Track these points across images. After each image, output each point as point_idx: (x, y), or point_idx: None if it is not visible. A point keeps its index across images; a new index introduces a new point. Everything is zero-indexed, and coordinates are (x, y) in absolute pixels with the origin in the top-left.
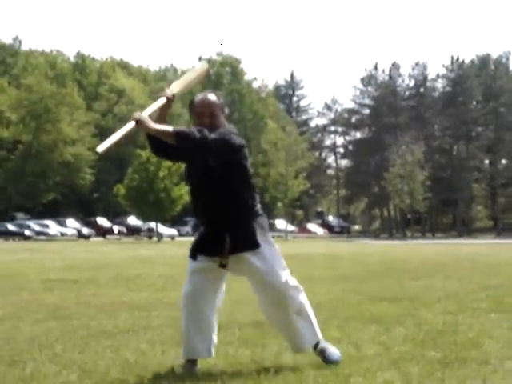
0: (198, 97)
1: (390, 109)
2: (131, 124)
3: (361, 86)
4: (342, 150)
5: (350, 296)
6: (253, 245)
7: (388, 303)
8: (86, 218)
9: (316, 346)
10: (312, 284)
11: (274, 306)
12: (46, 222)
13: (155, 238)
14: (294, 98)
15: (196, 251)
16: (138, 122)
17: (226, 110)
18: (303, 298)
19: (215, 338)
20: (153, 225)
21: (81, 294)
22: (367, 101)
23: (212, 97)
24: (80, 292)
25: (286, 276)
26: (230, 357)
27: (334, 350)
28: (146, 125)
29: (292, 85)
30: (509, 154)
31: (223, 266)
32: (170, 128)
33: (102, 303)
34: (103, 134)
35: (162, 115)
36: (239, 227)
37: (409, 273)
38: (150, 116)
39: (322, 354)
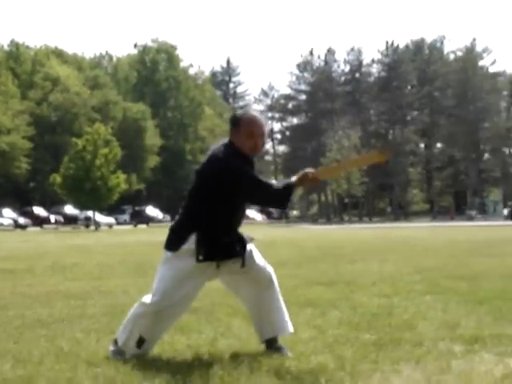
0: (253, 115)
1: (326, 94)
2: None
3: (297, 72)
4: (279, 136)
5: (287, 281)
6: (251, 238)
7: (324, 287)
8: (23, 207)
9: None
10: None
11: (267, 291)
12: None
13: (93, 227)
14: (231, 85)
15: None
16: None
17: None
18: None
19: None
20: (90, 213)
21: (16, 284)
22: (303, 87)
23: (264, 118)
24: (16, 282)
25: None
26: (166, 343)
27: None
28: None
29: (228, 71)
30: (444, 138)
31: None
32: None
33: (37, 293)
34: (38, 122)
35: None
36: None
37: (345, 257)
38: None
39: (280, 349)
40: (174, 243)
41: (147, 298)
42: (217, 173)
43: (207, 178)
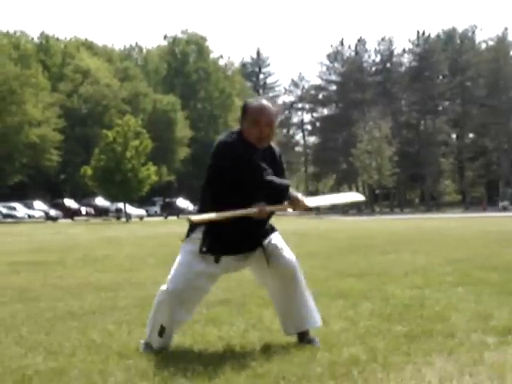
0: (261, 103)
1: (357, 85)
2: (251, 210)
3: (327, 63)
4: (309, 127)
5: (318, 272)
6: (274, 228)
7: (355, 279)
8: (54, 199)
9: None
10: None
11: (290, 285)
12: (13, 204)
13: (123, 219)
14: (261, 76)
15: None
16: (260, 212)
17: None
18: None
19: None
20: (121, 205)
21: (47, 276)
22: (334, 77)
23: (275, 107)
24: (47, 274)
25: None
26: (197, 335)
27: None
28: (266, 211)
29: (258, 62)
30: (475, 128)
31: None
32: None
33: (68, 285)
34: (68, 114)
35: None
36: None
37: (376, 248)
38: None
39: (312, 340)
40: (188, 231)
41: (165, 286)
42: (218, 155)
43: (210, 164)
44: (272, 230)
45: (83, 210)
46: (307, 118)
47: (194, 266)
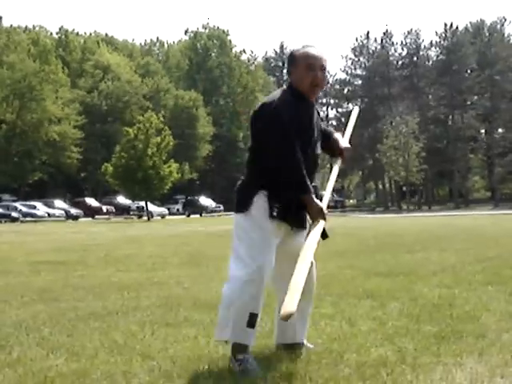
0: (310, 48)
1: (383, 79)
2: (321, 225)
3: (352, 56)
4: (334, 123)
5: (345, 271)
6: None
7: (383, 278)
8: (74, 198)
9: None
10: None
11: (302, 302)
12: (34, 203)
13: (145, 217)
14: (285, 70)
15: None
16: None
17: None
18: None
19: None
20: (142, 204)
21: (69, 276)
22: (359, 71)
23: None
24: (68, 274)
25: None
26: None
27: None
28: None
29: (282, 57)
30: (505, 123)
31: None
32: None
33: (90, 285)
34: (89, 111)
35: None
36: None
37: (404, 246)
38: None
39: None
40: (242, 204)
41: (235, 271)
42: (258, 116)
43: (251, 124)
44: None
45: (104, 208)
46: (332, 113)
47: (266, 242)
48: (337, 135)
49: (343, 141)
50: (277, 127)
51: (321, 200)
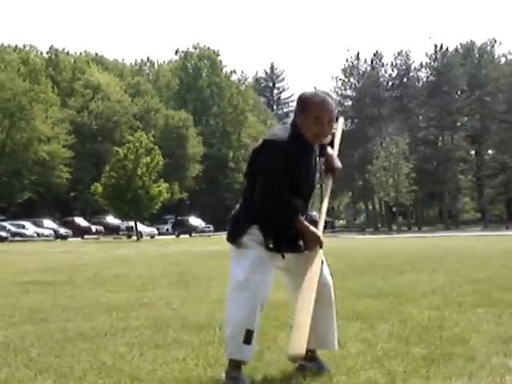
0: (323, 99)
1: (373, 100)
2: (320, 255)
3: (342, 77)
4: None
5: (334, 292)
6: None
7: (372, 299)
8: (63, 217)
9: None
10: None
11: (322, 308)
12: (22, 222)
13: (134, 237)
14: (275, 91)
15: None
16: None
17: None
18: None
19: None
20: (132, 223)
21: (57, 297)
22: (349, 92)
23: (333, 101)
24: (56, 294)
25: None
26: (210, 357)
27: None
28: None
29: (272, 77)
30: (495, 144)
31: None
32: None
33: (79, 305)
34: (78, 130)
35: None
36: None
37: (394, 268)
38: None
39: (322, 366)
40: (236, 234)
41: (233, 294)
42: (259, 152)
43: (251, 159)
44: None
45: (93, 228)
46: None
47: (264, 260)
48: (330, 151)
49: (336, 160)
50: (273, 166)
51: (315, 225)
